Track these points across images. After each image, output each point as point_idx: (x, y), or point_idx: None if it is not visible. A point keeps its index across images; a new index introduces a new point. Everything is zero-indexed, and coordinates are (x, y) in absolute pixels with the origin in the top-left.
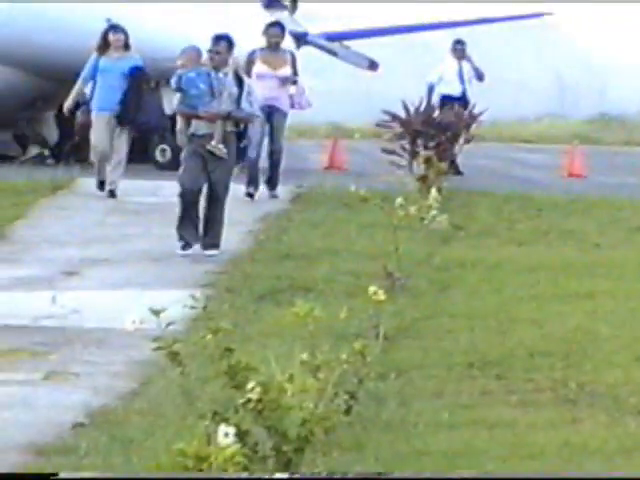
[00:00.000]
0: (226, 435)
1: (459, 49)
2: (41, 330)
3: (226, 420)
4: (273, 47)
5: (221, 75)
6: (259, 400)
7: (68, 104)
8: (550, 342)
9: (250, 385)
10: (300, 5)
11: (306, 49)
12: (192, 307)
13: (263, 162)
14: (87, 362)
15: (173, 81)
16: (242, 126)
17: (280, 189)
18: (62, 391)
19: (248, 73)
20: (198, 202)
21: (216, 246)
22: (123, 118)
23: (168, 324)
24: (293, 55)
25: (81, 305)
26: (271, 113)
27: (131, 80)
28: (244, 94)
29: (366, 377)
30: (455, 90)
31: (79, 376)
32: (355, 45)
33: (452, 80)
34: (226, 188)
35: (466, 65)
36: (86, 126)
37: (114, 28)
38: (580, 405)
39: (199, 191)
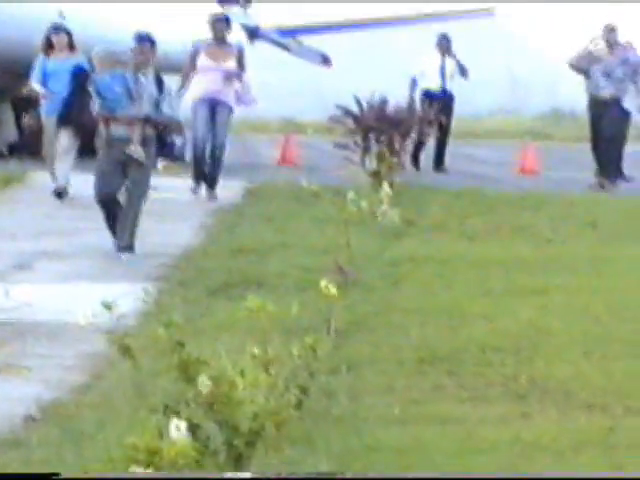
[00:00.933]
0: (178, 429)
1: (444, 44)
2: None
3: (177, 414)
4: (219, 40)
5: (142, 76)
6: (210, 394)
7: (31, 116)
8: (501, 337)
9: (201, 379)
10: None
11: (259, 44)
12: (144, 301)
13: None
14: (39, 355)
15: (89, 85)
16: (162, 129)
17: (232, 184)
18: (13, 384)
19: (191, 66)
20: (115, 207)
21: (130, 248)
22: (65, 119)
23: (119, 317)
24: (240, 50)
25: (33, 298)
26: (214, 107)
27: (74, 81)
28: (165, 97)
29: (317, 372)
30: (435, 85)
31: (31, 369)
32: (308, 40)
33: (433, 75)
34: (143, 192)
35: (450, 61)
36: (36, 130)
37: (56, 29)
38: (531, 400)
39: (115, 197)
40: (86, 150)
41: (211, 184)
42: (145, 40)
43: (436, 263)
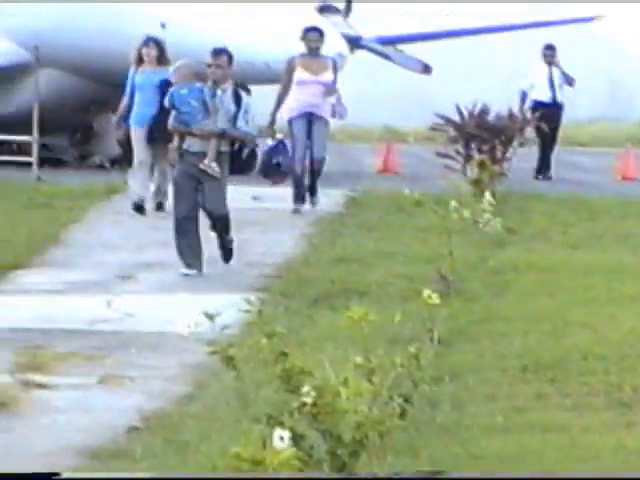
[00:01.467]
0: (281, 439)
1: (549, 55)
2: (96, 334)
3: (281, 424)
4: (313, 52)
5: (219, 91)
6: (314, 404)
7: (115, 120)
8: (604, 345)
9: (305, 389)
10: (354, 8)
11: (360, 53)
12: (246, 311)
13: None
14: (142, 366)
15: (166, 99)
16: (237, 145)
17: (333, 192)
18: (117, 395)
19: (288, 80)
20: (195, 228)
21: (228, 259)
22: (153, 135)
23: (223, 328)
24: (334, 62)
25: (136, 309)
26: (311, 121)
27: (161, 95)
28: (241, 112)
29: (420, 381)
30: (545, 96)
31: (134, 380)
32: (408, 49)
33: (542, 86)
34: (222, 207)
35: (556, 71)
36: (125, 142)
37: (147, 41)
38: (634, 408)
39: (194, 217)
40: None
41: (312, 192)
42: (222, 54)
43: (539, 271)
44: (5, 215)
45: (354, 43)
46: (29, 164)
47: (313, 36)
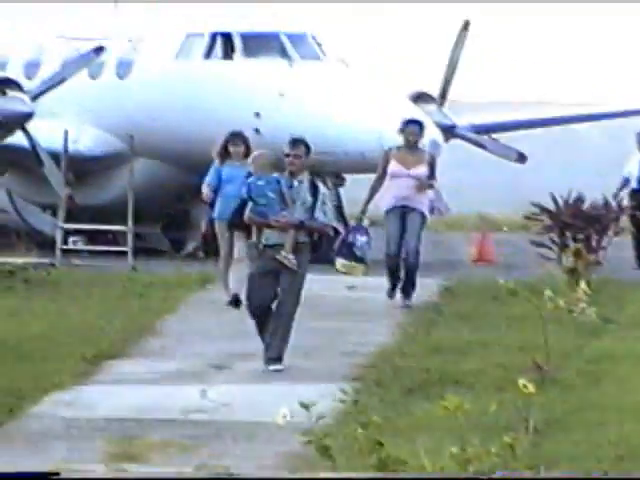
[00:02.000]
0: None
1: None
2: (191, 423)
3: None
4: (410, 145)
5: (296, 182)
6: None
7: (206, 217)
8: None
9: None
10: (449, 98)
11: (454, 141)
12: (342, 401)
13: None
14: (237, 456)
15: (243, 190)
16: (316, 236)
17: (428, 282)
18: None
19: (382, 171)
20: (268, 318)
21: (279, 360)
22: (233, 225)
23: (318, 418)
24: (432, 157)
25: (231, 399)
26: (405, 213)
27: None
28: (318, 203)
29: (516, 470)
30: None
31: (229, 469)
32: (503, 137)
33: (635, 174)
34: (295, 303)
35: None
36: (210, 236)
37: (234, 138)
38: None
39: (268, 308)
40: None
41: (407, 292)
42: (300, 144)
43: (634, 360)
44: (101, 304)
45: (449, 131)
46: (124, 253)
47: (413, 129)
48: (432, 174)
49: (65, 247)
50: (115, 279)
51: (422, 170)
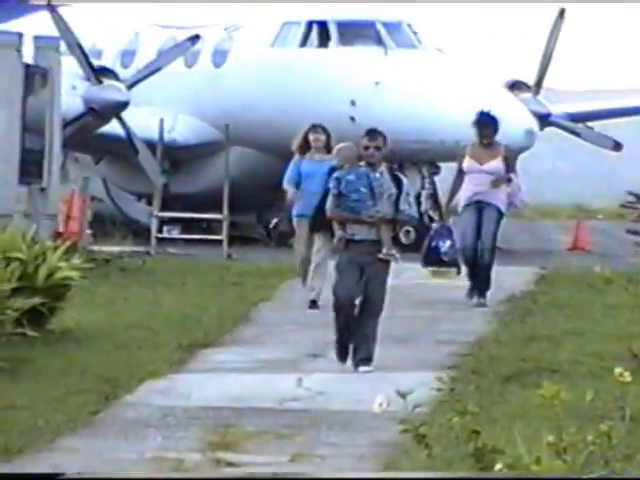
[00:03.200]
0: None
1: None
2: (287, 412)
3: None
4: (484, 141)
5: (377, 175)
6: None
7: (285, 213)
8: None
9: (497, 467)
10: (544, 86)
11: (550, 130)
12: (438, 389)
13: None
14: (333, 444)
15: (332, 184)
16: (398, 229)
17: (524, 270)
18: (307, 473)
19: (460, 167)
20: (353, 315)
21: (369, 360)
22: (314, 225)
23: (415, 406)
24: (508, 151)
25: (326, 387)
26: (481, 209)
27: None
28: (403, 195)
29: (612, 459)
30: None
31: (325, 459)
32: (599, 126)
33: None
34: (382, 301)
35: None
36: (285, 235)
37: (314, 127)
38: None
39: (354, 303)
40: None
41: (481, 290)
42: (379, 135)
43: None
44: (196, 293)
45: (544, 120)
46: (219, 242)
47: (485, 125)
48: (508, 168)
49: (160, 236)
50: (210, 268)
51: (497, 165)
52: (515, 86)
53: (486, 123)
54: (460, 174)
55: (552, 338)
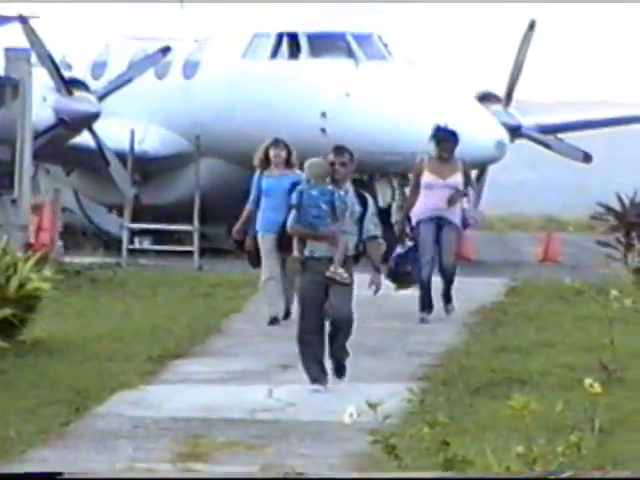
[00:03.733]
0: None
1: None
2: (258, 423)
3: None
4: (445, 156)
5: (342, 192)
6: None
7: (236, 228)
8: None
9: None
10: (514, 98)
11: (520, 141)
12: (409, 400)
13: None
14: (304, 455)
15: (293, 197)
16: (361, 248)
17: (494, 281)
18: None
19: (415, 183)
20: (320, 339)
21: (342, 374)
22: (284, 242)
23: (385, 417)
24: (465, 164)
25: (297, 398)
26: (440, 225)
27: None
28: (368, 214)
29: (582, 469)
30: None
31: (295, 469)
32: (569, 137)
33: None
34: (348, 312)
35: None
36: (254, 251)
37: (276, 142)
38: None
39: (320, 328)
40: None
41: (446, 299)
42: (345, 152)
43: None
44: (167, 304)
45: (514, 131)
46: (190, 253)
47: (447, 144)
48: (467, 183)
49: (131, 247)
50: (181, 279)
51: (457, 179)
52: (486, 98)
53: (445, 137)
54: (415, 189)
55: (522, 349)
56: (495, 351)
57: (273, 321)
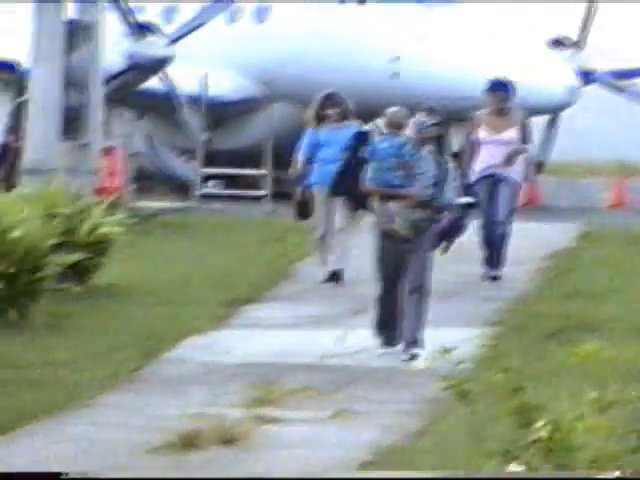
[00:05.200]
0: None
1: None
2: (328, 368)
3: (516, 458)
4: (499, 110)
5: (424, 153)
6: (549, 438)
7: (293, 175)
8: None
9: (540, 423)
10: (588, 42)
11: (592, 87)
12: (482, 345)
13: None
14: (375, 401)
15: (368, 151)
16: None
17: (567, 227)
18: (350, 430)
19: (470, 137)
20: (395, 299)
21: (415, 343)
22: (337, 190)
23: (458, 362)
24: (525, 117)
25: (369, 343)
26: (495, 182)
27: (350, 148)
28: (449, 179)
29: None
30: None
31: (366, 414)
32: None
33: None
34: (421, 285)
35: None
36: (305, 205)
37: (330, 98)
38: None
39: (398, 283)
40: None
41: (495, 263)
42: (437, 112)
43: None
44: (238, 249)
45: (586, 77)
46: (262, 198)
47: (500, 94)
48: (525, 138)
49: (203, 191)
50: (252, 224)
51: (513, 135)
52: (557, 43)
53: (500, 90)
54: (472, 144)
55: (595, 295)
56: (568, 297)
57: (333, 277)
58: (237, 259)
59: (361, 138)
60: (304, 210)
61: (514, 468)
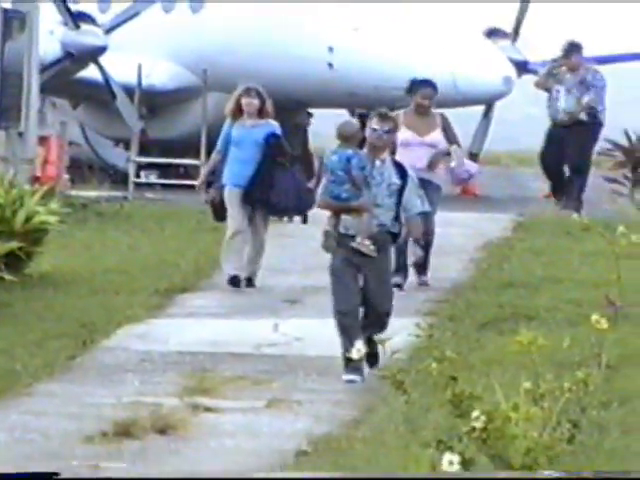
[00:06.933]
0: (450, 463)
1: None
2: (263, 358)
3: (450, 448)
4: (420, 109)
5: (378, 162)
6: (484, 428)
7: (200, 180)
8: None
9: (475, 413)
10: (521, 34)
11: (527, 77)
12: (417, 335)
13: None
14: (309, 390)
15: (324, 165)
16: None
17: (501, 217)
18: (285, 419)
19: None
20: (358, 321)
21: (374, 363)
22: (251, 197)
23: (393, 352)
24: (445, 118)
25: (303, 333)
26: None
27: (265, 151)
28: (409, 186)
29: (589, 406)
30: None
31: (301, 404)
32: None
33: None
34: (387, 302)
35: None
36: (219, 204)
37: (247, 91)
38: None
39: (356, 312)
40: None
41: (420, 270)
42: (390, 120)
43: None
44: (173, 238)
45: (521, 67)
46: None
47: (425, 91)
48: (449, 139)
49: (138, 181)
50: (188, 213)
51: (435, 136)
52: (493, 34)
53: (422, 86)
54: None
55: (529, 285)
56: (502, 287)
57: (233, 280)
58: (173, 248)
59: (273, 142)
60: (221, 211)
61: (449, 458)
